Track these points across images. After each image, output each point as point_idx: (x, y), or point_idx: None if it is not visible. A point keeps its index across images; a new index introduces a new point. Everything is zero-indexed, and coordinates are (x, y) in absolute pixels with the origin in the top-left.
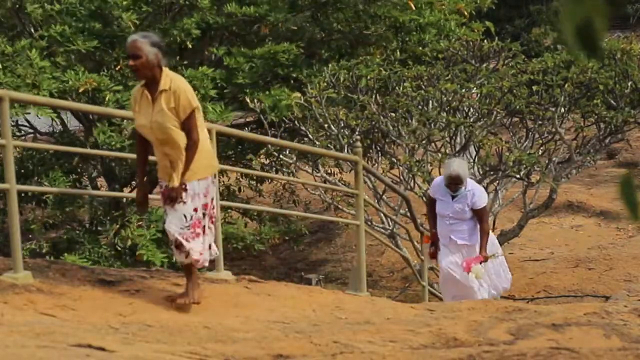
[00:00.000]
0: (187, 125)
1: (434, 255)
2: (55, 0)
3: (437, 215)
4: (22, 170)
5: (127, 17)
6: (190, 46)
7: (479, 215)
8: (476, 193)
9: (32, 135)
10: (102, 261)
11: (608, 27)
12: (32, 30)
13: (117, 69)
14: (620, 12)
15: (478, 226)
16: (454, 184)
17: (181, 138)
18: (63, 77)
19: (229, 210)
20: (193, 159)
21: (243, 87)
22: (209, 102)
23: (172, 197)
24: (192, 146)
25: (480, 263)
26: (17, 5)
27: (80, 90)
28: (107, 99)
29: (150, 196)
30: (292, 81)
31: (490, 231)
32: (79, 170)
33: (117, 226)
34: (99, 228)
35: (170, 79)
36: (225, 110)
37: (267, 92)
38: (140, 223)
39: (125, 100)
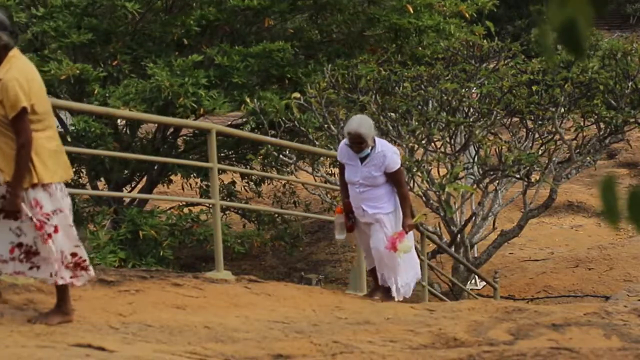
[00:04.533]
0: (16, 126)
1: (351, 228)
2: (40, 5)
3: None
4: None
5: (130, 6)
6: (187, 43)
7: (394, 179)
8: (387, 154)
9: None
10: None
11: (591, 26)
12: (19, 30)
13: (113, 64)
14: (603, 13)
15: (395, 192)
16: (356, 143)
17: (5, 138)
18: (47, 67)
19: (228, 211)
20: (25, 163)
21: (235, 87)
22: (202, 89)
23: (11, 211)
24: (20, 149)
25: (407, 232)
26: None
27: (62, 78)
28: (95, 92)
29: (147, 195)
30: (286, 81)
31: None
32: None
33: (90, 226)
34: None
35: (9, 67)
36: (219, 98)
37: (258, 94)
38: (104, 223)
39: (113, 91)
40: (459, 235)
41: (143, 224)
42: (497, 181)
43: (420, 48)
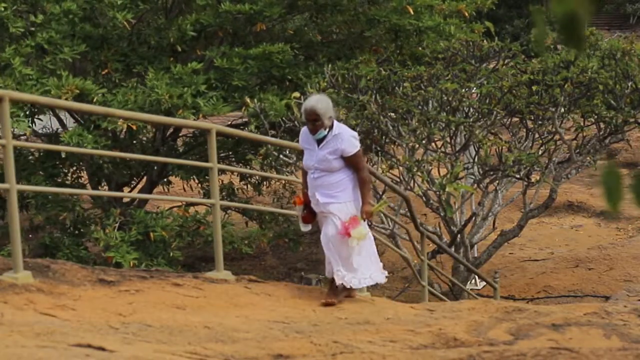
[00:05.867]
0: None
1: (307, 220)
2: (39, 12)
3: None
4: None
5: (121, 16)
6: (181, 49)
7: (353, 163)
8: (344, 137)
9: (25, 137)
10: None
11: (590, 19)
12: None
13: (103, 73)
14: (601, 7)
15: (354, 178)
16: (311, 120)
17: None
18: (47, 84)
19: (228, 211)
20: None
21: (235, 89)
22: (200, 98)
23: None
24: None
25: (365, 219)
26: None
27: (63, 99)
28: (94, 100)
29: (148, 195)
30: (287, 82)
31: None
32: (62, 174)
33: (99, 228)
34: (82, 230)
35: None
36: (218, 103)
37: (258, 96)
38: (115, 225)
39: (111, 100)
40: (459, 235)
41: (154, 225)
42: (497, 181)
43: (420, 48)
